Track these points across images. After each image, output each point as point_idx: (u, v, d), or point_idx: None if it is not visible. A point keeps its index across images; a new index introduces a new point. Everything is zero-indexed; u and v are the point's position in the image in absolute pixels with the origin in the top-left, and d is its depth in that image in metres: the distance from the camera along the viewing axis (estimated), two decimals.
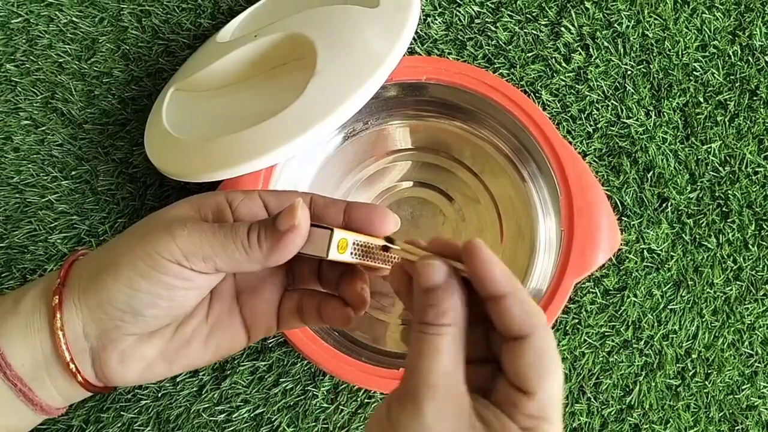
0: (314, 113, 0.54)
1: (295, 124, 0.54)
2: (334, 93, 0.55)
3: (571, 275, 0.56)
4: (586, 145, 0.67)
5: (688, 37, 0.69)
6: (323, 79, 0.55)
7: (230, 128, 0.56)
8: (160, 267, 0.40)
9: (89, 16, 0.69)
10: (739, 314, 0.65)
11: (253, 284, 0.46)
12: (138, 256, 0.40)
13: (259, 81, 0.62)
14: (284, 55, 0.61)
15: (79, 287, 0.42)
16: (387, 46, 0.56)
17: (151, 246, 0.40)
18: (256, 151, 0.54)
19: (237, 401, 0.63)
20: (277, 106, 0.55)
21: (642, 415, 0.63)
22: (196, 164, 0.56)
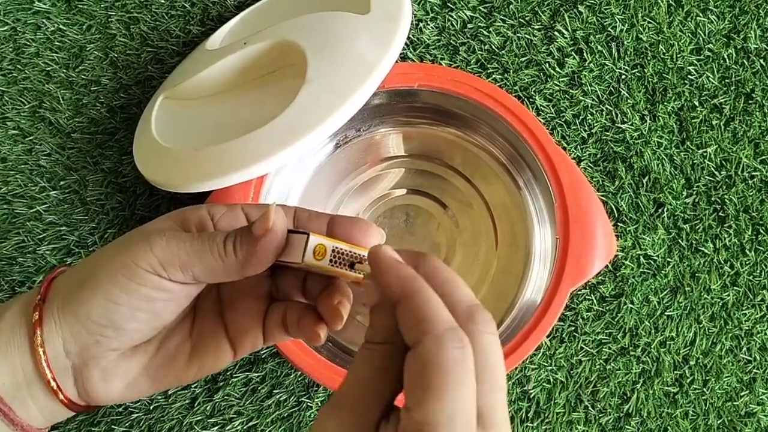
0: (305, 122, 0.53)
1: (285, 134, 0.53)
2: (325, 101, 0.54)
3: (567, 283, 0.56)
4: (581, 151, 0.66)
5: (682, 41, 0.69)
6: (314, 87, 0.55)
7: (220, 137, 0.56)
8: (138, 278, 0.39)
9: (77, 23, 0.68)
10: (736, 320, 0.65)
11: (236, 298, 0.45)
12: (116, 268, 0.40)
13: (249, 88, 0.61)
14: (274, 63, 0.60)
15: (58, 302, 0.42)
16: (378, 53, 0.55)
17: (129, 256, 0.40)
18: (246, 160, 0.53)
19: (230, 413, 0.62)
20: (267, 114, 0.55)
21: (640, 423, 0.63)
22: (185, 174, 0.55)
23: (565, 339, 0.64)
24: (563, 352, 0.63)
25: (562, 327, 0.63)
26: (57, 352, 0.42)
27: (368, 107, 0.62)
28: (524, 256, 0.61)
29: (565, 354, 0.63)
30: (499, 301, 0.60)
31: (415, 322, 0.30)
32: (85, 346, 0.41)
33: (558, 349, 0.63)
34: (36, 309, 0.42)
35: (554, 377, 0.63)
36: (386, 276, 0.32)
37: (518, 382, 0.63)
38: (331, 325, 0.42)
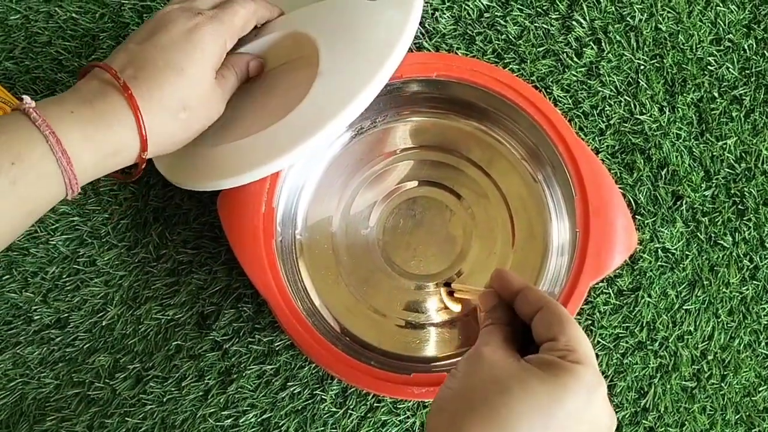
0: (319, 117, 0.53)
1: (299, 130, 0.53)
2: (340, 94, 0.53)
3: (587, 278, 0.55)
4: (599, 142, 0.66)
5: (702, 31, 0.68)
6: (327, 80, 0.54)
7: (235, 133, 0.55)
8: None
9: (89, 12, 0.67)
10: (755, 314, 0.64)
11: None
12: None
13: (262, 80, 0.60)
14: (286, 54, 0.60)
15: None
16: (390, 41, 0.54)
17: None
18: (263, 158, 0.53)
19: (244, 406, 0.61)
20: (281, 106, 0.54)
21: (657, 418, 0.62)
22: (204, 173, 0.55)
23: None
24: None
25: (579, 320, 0.63)
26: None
27: (384, 97, 0.61)
28: (542, 248, 0.61)
29: None
30: None
31: (537, 297, 0.43)
32: None
33: None
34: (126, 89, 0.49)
35: None
36: (509, 277, 0.46)
37: None
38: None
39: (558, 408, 0.37)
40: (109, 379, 0.62)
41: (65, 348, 0.63)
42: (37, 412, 0.62)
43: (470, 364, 0.41)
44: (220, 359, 0.62)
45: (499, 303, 0.45)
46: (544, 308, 0.42)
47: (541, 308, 0.42)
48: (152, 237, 0.64)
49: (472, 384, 0.39)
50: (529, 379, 0.38)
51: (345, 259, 0.62)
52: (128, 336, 0.63)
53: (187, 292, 0.63)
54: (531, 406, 0.37)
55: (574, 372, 0.38)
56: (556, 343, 0.40)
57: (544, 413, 0.37)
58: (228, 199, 0.57)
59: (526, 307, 0.43)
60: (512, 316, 0.45)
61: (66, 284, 0.63)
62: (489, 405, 0.37)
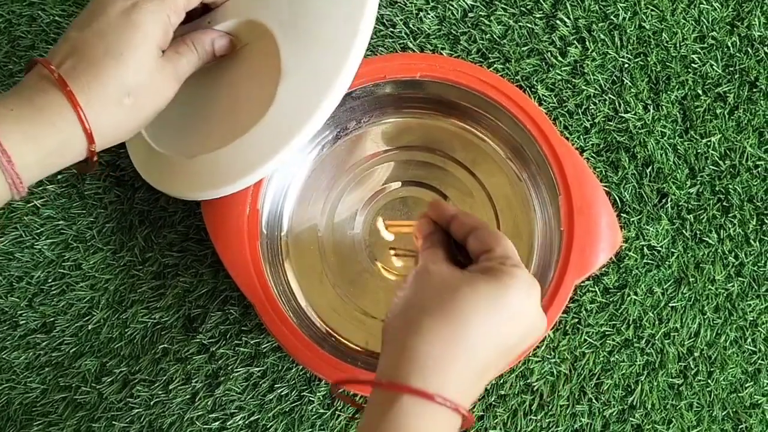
0: (291, 123, 0.52)
1: (273, 138, 0.52)
2: (307, 96, 0.52)
3: (572, 276, 0.55)
4: (584, 141, 0.66)
5: (685, 29, 0.68)
6: (292, 82, 0.52)
7: (208, 139, 0.55)
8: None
9: (72, 15, 0.67)
10: (741, 311, 0.64)
11: None
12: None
13: (225, 68, 0.58)
14: (244, 38, 0.57)
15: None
16: (350, 31, 0.52)
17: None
18: (240, 170, 0.53)
19: (231, 408, 0.61)
20: (249, 107, 0.54)
21: (644, 416, 0.62)
22: (183, 184, 0.55)
23: (568, 331, 0.63)
24: (567, 345, 0.63)
25: (565, 319, 0.63)
26: None
27: (369, 98, 0.61)
28: (527, 247, 0.61)
29: (568, 346, 0.63)
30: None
31: (471, 219, 0.48)
32: None
33: (561, 341, 0.63)
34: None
35: (558, 370, 0.63)
36: (444, 206, 0.50)
37: (521, 374, 0.62)
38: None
39: (503, 304, 0.42)
40: (95, 383, 0.62)
41: (51, 352, 0.62)
42: (24, 417, 0.62)
43: (419, 278, 0.45)
44: (207, 362, 0.62)
45: (436, 228, 0.50)
46: (478, 228, 0.47)
47: (475, 228, 0.47)
48: (138, 240, 0.64)
49: (423, 292, 0.43)
50: (476, 281, 0.43)
51: (331, 260, 0.62)
52: (115, 340, 0.63)
53: (174, 295, 0.63)
54: (479, 303, 0.42)
55: (514, 274, 0.43)
56: (492, 253, 0.45)
57: (492, 309, 0.42)
58: (213, 201, 0.56)
59: (461, 229, 0.48)
60: (447, 241, 0.49)
61: (52, 288, 0.63)
62: (442, 305, 0.42)
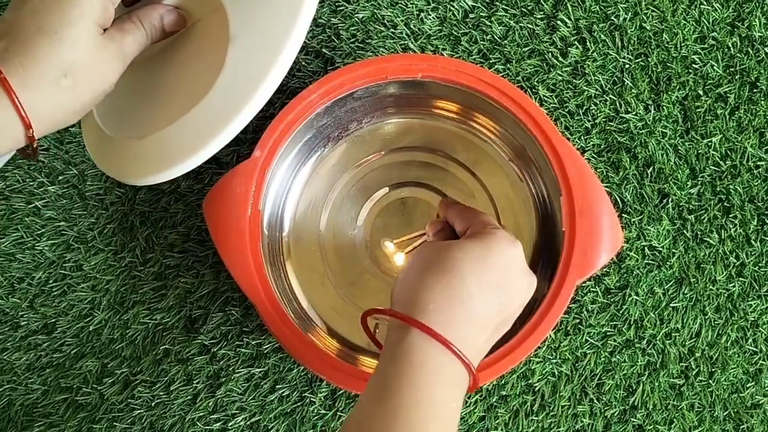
0: (241, 91, 0.50)
1: (223, 109, 0.50)
2: (257, 61, 0.50)
3: (573, 276, 0.55)
4: (585, 141, 0.66)
5: (686, 29, 0.68)
6: (241, 47, 0.50)
7: (158, 118, 0.52)
8: None
9: None
10: (742, 311, 0.64)
11: None
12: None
13: (177, 45, 0.55)
14: (195, 12, 0.54)
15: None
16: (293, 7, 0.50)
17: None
18: (193, 145, 0.50)
19: (232, 409, 0.61)
20: (199, 80, 0.51)
21: (646, 416, 0.62)
22: (135, 167, 0.53)
23: (570, 331, 0.63)
24: (568, 345, 0.63)
25: (566, 319, 0.63)
26: None
27: (370, 99, 0.61)
28: (528, 247, 0.61)
29: (570, 347, 0.63)
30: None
31: (459, 210, 0.53)
32: None
33: (563, 341, 0.63)
34: None
35: (559, 370, 0.63)
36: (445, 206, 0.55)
37: (523, 375, 0.62)
38: None
39: (488, 257, 0.46)
40: (96, 384, 0.62)
41: (52, 353, 0.62)
42: (25, 418, 0.61)
43: (422, 248, 0.49)
44: (209, 363, 0.62)
45: (444, 225, 0.55)
46: (463, 211, 0.53)
47: (461, 212, 0.53)
48: (139, 241, 0.64)
49: (424, 257, 0.47)
50: (465, 243, 0.47)
51: (332, 261, 0.62)
52: (116, 341, 0.63)
53: (175, 296, 0.63)
54: (469, 258, 0.46)
55: (495, 233, 0.48)
56: (476, 224, 0.51)
57: (480, 262, 0.46)
58: (214, 201, 0.56)
59: (456, 219, 0.53)
60: (452, 237, 0.54)
61: (53, 289, 0.63)
62: (440, 263, 0.46)
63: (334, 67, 0.65)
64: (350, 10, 0.66)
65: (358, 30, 0.66)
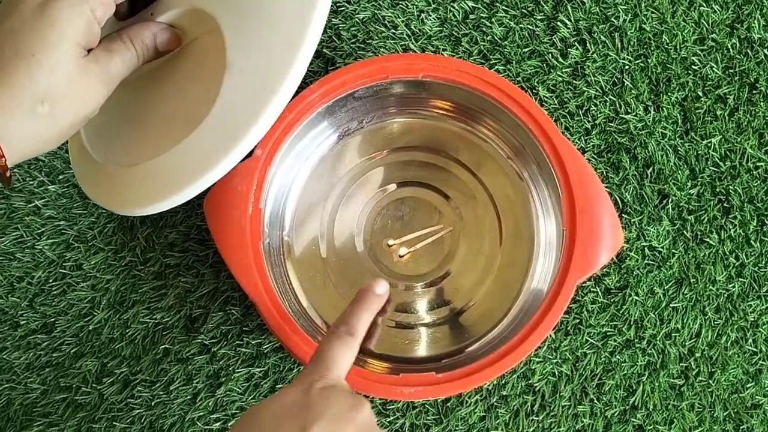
0: (237, 121, 0.47)
1: (219, 141, 0.48)
2: (255, 91, 0.47)
3: (574, 276, 0.55)
4: (585, 142, 0.66)
5: (686, 31, 0.68)
6: (238, 75, 0.48)
7: (149, 146, 0.50)
8: None
9: None
10: (742, 311, 0.64)
11: None
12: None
13: (171, 66, 0.53)
14: (190, 31, 0.52)
15: None
16: (301, 13, 0.47)
17: None
18: (185, 178, 0.48)
19: (232, 409, 0.61)
20: (192, 107, 0.49)
21: (646, 416, 0.62)
22: (125, 197, 0.51)
23: (570, 331, 0.63)
24: (568, 345, 0.63)
25: (567, 319, 0.63)
26: None
27: (371, 99, 0.61)
28: (529, 247, 0.61)
29: (570, 347, 0.63)
30: (504, 292, 0.60)
31: None
32: None
33: (563, 341, 0.63)
34: None
35: (559, 370, 0.63)
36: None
37: (523, 375, 0.63)
38: None
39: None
40: (96, 384, 0.62)
41: (52, 353, 0.62)
42: (24, 418, 0.61)
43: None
44: (209, 362, 0.62)
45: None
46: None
47: None
48: (139, 240, 0.63)
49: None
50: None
51: (333, 261, 0.62)
52: (115, 340, 0.62)
53: (175, 296, 0.63)
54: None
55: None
56: None
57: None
58: (215, 200, 0.56)
59: None
60: None
61: (52, 289, 0.63)
62: None
63: (335, 68, 0.65)
64: (351, 11, 0.66)
65: (358, 30, 0.66)
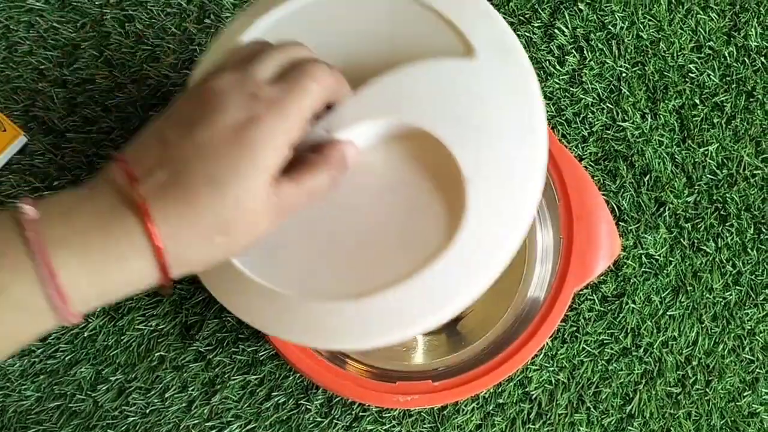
0: (490, 238, 0.42)
1: (473, 261, 0.43)
2: (496, 225, 0.42)
3: (571, 284, 0.55)
4: (582, 149, 0.66)
5: (683, 38, 0.68)
6: (480, 215, 0.42)
7: (367, 270, 0.43)
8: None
9: (71, 21, 0.67)
10: (739, 320, 0.64)
11: None
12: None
13: (365, 182, 0.46)
14: (389, 147, 0.46)
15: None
16: (528, 114, 0.43)
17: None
18: (395, 324, 0.42)
19: (228, 416, 0.61)
20: (411, 230, 0.43)
21: (642, 424, 0.62)
22: (299, 329, 0.44)
23: (567, 339, 0.63)
24: (565, 353, 0.63)
25: (563, 327, 0.63)
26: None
27: None
28: (525, 255, 0.61)
29: (566, 355, 0.63)
30: (502, 300, 0.60)
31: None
32: None
33: (560, 349, 0.63)
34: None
35: (556, 378, 0.62)
36: None
37: (520, 383, 0.62)
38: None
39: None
40: (91, 391, 0.61)
41: (46, 360, 0.62)
42: (18, 425, 0.61)
43: None
44: (204, 370, 0.62)
45: None
46: None
47: None
48: None
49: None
50: None
51: None
52: (110, 347, 0.62)
53: (170, 303, 0.63)
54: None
55: None
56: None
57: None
58: None
59: None
60: None
61: None
62: None
63: None
64: None
65: None
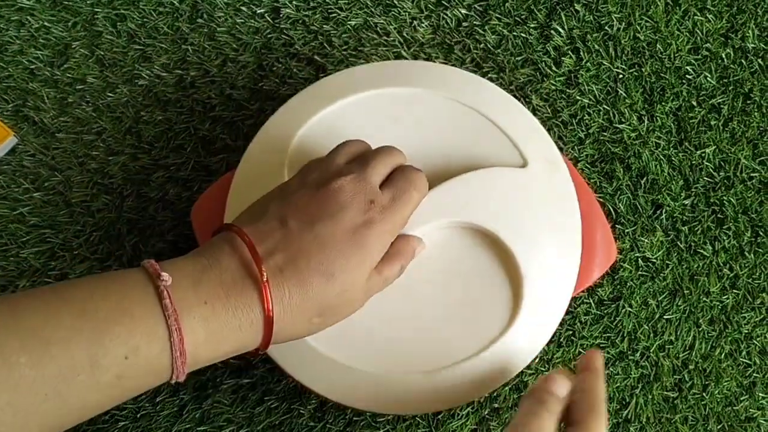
0: (518, 355, 0.54)
1: (501, 365, 0.53)
2: (543, 315, 0.54)
3: None
4: (578, 151, 0.65)
5: (680, 40, 0.68)
6: (531, 304, 0.54)
7: (442, 345, 0.54)
8: None
9: (62, 20, 0.66)
10: (736, 323, 0.64)
11: None
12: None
13: (429, 268, 0.55)
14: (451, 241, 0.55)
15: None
16: (569, 216, 0.55)
17: None
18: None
19: (219, 421, 0.60)
20: (489, 301, 0.54)
21: (639, 429, 0.62)
22: (369, 397, 0.53)
23: (562, 343, 0.62)
24: (561, 357, 0.62)
25: (559, 331, 0.62)
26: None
27: None
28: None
29: (563, 358, 0.62)
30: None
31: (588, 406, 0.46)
32: None
33: (556, 353, 0.62)
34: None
35: None
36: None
37: (515, 388, 0.62)
38: None
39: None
40: None
41: None
42: None
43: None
44: (195, 374, 0.60)
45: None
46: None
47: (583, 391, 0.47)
48: (126, 249, 0.62)
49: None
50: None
51: None
52: None
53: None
54: None
55: None
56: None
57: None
58: (202, 210, 0.56)
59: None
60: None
61: None
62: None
63: (325, 74, 0.65)
64: (343, 17, 0.66)
65: (350, 37, 0.66)
